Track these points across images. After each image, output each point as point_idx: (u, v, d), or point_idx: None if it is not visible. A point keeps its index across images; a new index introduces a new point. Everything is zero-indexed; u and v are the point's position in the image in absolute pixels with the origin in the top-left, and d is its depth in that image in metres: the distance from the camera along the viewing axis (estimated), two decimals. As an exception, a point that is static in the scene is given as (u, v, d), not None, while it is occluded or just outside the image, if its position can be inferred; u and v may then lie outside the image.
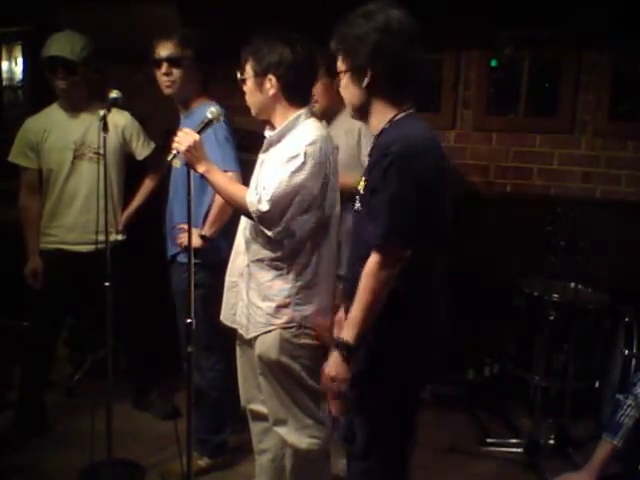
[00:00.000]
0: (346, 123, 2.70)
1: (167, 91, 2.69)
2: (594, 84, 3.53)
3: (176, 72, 2.64)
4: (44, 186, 3.02)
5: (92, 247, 2.90)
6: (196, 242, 2.55)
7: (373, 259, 1.71)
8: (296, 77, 2.11)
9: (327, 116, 2.81)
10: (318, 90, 2.70)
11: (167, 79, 2.65)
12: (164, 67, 2.64)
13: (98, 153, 2.89)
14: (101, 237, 2.66)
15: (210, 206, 2.64)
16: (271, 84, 2.11)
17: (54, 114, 3.01)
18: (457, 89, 3.75)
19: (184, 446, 2.13)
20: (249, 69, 2.14)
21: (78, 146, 2.96)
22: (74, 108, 2.99)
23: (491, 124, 3.77)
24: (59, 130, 2.97)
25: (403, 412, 1.89)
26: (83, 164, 2.97)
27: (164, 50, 2.64)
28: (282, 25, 2.17)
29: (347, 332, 1.76)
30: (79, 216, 2.99)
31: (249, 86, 2.16)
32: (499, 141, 3.75)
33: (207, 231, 2.63)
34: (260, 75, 2.11)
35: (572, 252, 2.93)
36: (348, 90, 1.85)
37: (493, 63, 3.73)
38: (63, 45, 2.85)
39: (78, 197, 2.99)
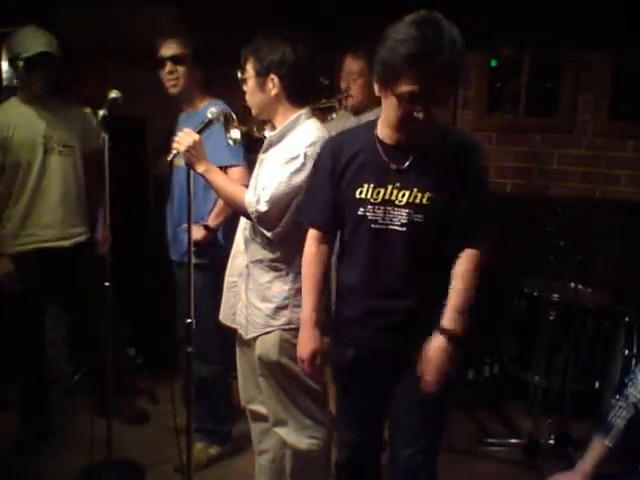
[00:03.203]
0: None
1: (172, 90, 2.74)
2: (594, 84, 3.53)
3: (180, 70, 2.69)
4: (9, 186, 2.87)
5: (72, 241, 2.94)
6: (200, 233, 2.61)
7: (479, 254, 1.82)
8: (298, 77, 2.10)
9: (357, 111, 2.98)
10: (356, 86, 2.92)
11: (171, 77, 2.70)
12: (168, 66, 2.69)
13: (67, 146, 2.90)
14: (79, 229, 2.96)
15: (216, 201, 2.65)
16: (273, 84, 2.09)
17: (16, 109, 2.89)
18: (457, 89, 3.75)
19: (185, 440, 2.15)
20: (250, 69, 2.12)
21: (47, 140, 2.87)
22: (38, 102, 2.88)
23: (491, 124, 3.76)
24: (26, 125, 2.86)
25: None
26: (53, 158, 2.89)
27: (167, 49, 2.69)
28: (283, 25, 2.16)
29: (458, 324, 1.81)
30: (55, 212, 2.92)
31: (250, 86, 2.14)
32: (499, 141, 3.75)
33: (212, 222, 2.65)
34: (262, 75, 2.10)
35: (572, 252, 2.92)
36: None
37: (493, 63, 3.73)
38: (46, 41, 2.76)
39: (52, 193, 2.90)
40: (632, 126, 3.52)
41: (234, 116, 2.20)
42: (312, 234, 2.01)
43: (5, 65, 4.38)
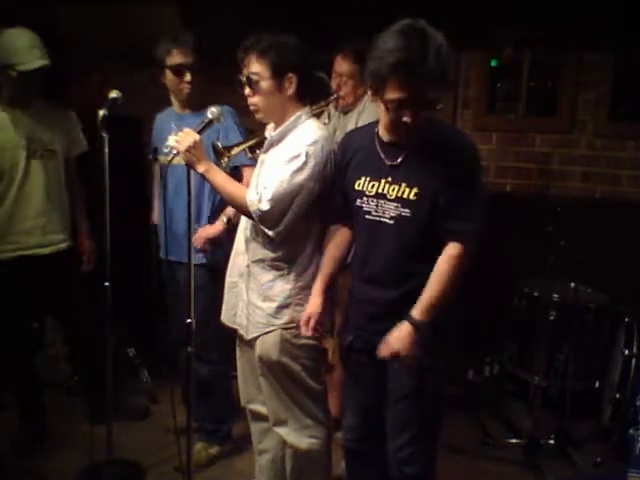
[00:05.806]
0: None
1: (185, 96, 2.71)
2: (594, 84, 3.54)
3: (197, 79, 2.66)
4: None
5: (54, 248, 2.88)
6: (215, 229, 2.66)
7: (460, 251, 1.87)
8: (310, 75, 2.12)
9: (347, 111, 2.97)
10: (347, 87, 2.89)
11: (189, 86, 2.66)
12: (187, 75, 2.64)
13: (49, 150, 2.86)
14: (60, 237, 2.87)
15: (220, 200, 2.65)
16: (290, 83, 2.08)
17: None
18: (457, 89, 3.75)
19: (185, 440, 2.17)
20: (265, 70, 2.06)
21: (30, 143, 2.80)
22: (20, 106, 2.81)
23: (491, 124, 3.77)
24: (8, 129, 2.78)
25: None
26: (36, 163, 2.83)
27: (183, 57, 2.64)
28: (281, 25, 2.15)
29: (423, 313, 1.85)
30: (38, 218, 2.84)
31: (265, 87, 2.08)
32: (499, 141, 3.76)
33: (234, 216, 2.64)
34: (279, 74, 2.06)
35: (572, 252, 2.92)
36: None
37: (493, 63, 3.73)
38: (42, 52, 2.70)
39: (35, 199, 2.83)
40: (632, 126, 3.52)
41: (219, 145, 2.23)
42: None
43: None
